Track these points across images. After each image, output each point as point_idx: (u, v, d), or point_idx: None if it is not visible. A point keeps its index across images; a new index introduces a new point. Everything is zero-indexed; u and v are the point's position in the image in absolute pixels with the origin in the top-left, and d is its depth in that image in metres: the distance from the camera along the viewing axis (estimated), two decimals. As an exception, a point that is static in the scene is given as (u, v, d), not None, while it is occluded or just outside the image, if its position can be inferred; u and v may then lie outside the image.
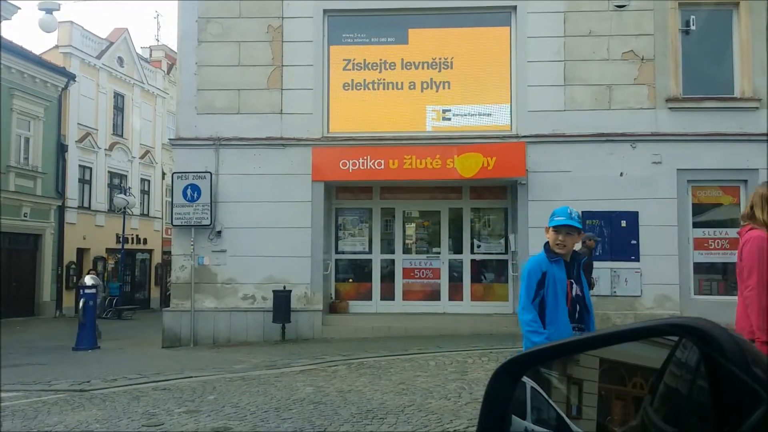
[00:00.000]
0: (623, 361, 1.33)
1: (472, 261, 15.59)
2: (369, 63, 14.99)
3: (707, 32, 14.60)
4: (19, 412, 7.62)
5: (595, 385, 1.39)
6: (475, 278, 15.60)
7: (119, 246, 29.94)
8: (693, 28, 14.35)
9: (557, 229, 4.45)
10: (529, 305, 4.37)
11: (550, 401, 1.43)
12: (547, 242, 4.52)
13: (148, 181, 35.95)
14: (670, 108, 14.39)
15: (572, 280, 4.44)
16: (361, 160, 14.33)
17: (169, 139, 17.78)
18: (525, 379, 1.39)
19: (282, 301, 13.96)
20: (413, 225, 16.27)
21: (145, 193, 35.56)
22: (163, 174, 35.42)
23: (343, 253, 15.87)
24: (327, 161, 14.50)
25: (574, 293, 4.42)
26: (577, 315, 4.42)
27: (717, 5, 14.79)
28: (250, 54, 14.91)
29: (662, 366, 1.24)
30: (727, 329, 1.06)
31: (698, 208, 14.37)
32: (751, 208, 4.17)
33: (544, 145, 14.42)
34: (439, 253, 15.61)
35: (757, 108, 14.13)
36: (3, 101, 24.47)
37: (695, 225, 14.22)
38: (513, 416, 1.39)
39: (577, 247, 5.61)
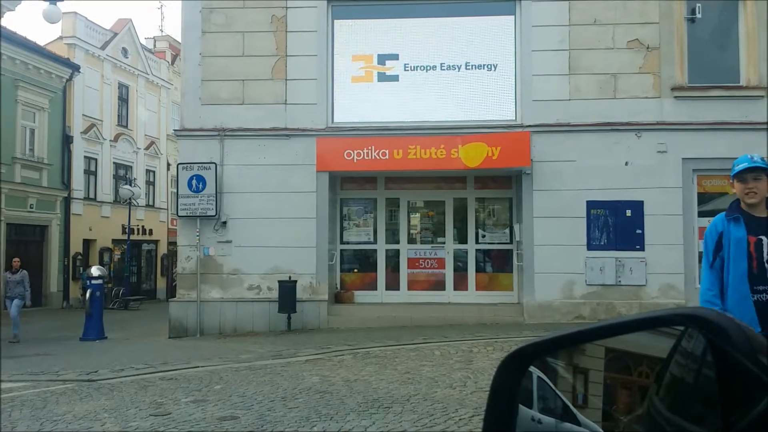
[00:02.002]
0: (629, 351, 1.34)
1: (477, 251, 15.59)
2: (373, 53, 14.96)
3: (713, 20, 14.52)
4: (27, 402, 7.67)
5: (601, 374, 1.40)
6: (480, 268, 15.61)
7: (125, 237, 30.00)
8: (699, 16, 14.25)
9: (740, 176, 4.05)
10: (706, 271, 4.09)
11: (556, 390, 1.44)
12: (735, 199, 4.16)
13: (153, 172, 36.00)
14: (675, 97, 14.33)
15: (763, 237, 3.98)
16: (365, 150, 14.33)
17: (174, 130, 17.80)
18: (532, 368, 1.40)
19: (287, 292, 13.99)
20: (418, 215, 16.28)
21: (150, 184, 35.61)
22: (168, 165, 35.44)
23: (348, 243, 15.89)
24: (331, 151, 14.50)
25: (766, 251, 3.97)
26: None
27: (723, -7, 14.72)
28: (254, 44, 14.89)
29: (668, 355, 1.25)
30: (733, 319, 1.07)
31: (703, 197, 14.34)
32: None
33: (549, 134, 14.39)
34: (444, 243, 15.62)
35: (762, 97, 14.05)
36: (8, 92, 24.49)
37: (700, 214, 14.18)
38: (520, 405, 1.40)
39: None
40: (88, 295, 15.13)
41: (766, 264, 3.98)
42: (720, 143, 13.73)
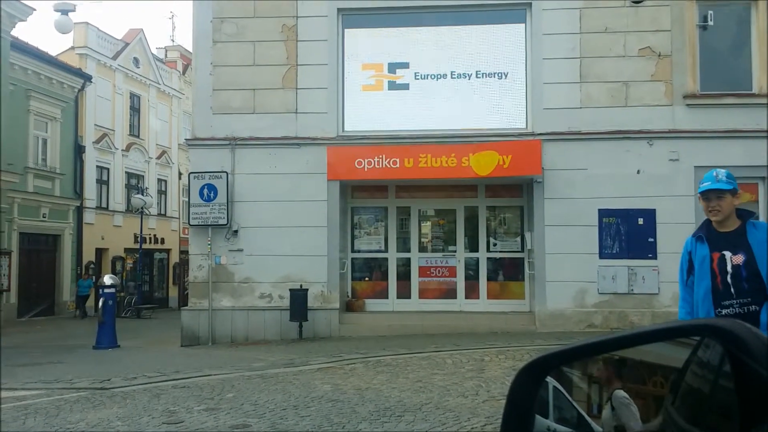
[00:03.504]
0: (644, 360, 1.34)
1: (488, 259, 15.56)
2: (384, 61, 14.99)
3: (725, 27, 14.47)
4: (41, 410, 7.70)
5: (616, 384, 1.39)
6: (492, 276, 15.58)
7: (137, 246, 30.13)
8: (711, 23, 14.20)
9: (704, 195, 4.17)
10: (681, 288, 4.29)
11: (572, 400, 1.44)
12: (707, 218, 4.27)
13: (165, 181, 36.14)
14: (687, 104, 14.28)
15: (726, 252, 4.09)
16: (376, 159, 14.34)
17: (185, 139, 17.88)
18: (548, 378, 1.40)
19: (299, 300, 14.00)
20: (429, 223, 16.27)
21: (162, 193, 35.75)
22: (180, 174, 35.57)
23: (359, 251, 15.89)
24: (342, 160, 14.52)
25: (730, 265, 4.06)
26: (744, 288, 4.03)
27: (735, 0, 14.66)
28: (264, 53, 14.95)
29: (683, 365, 1.25)
30: (752, 329, 1.06)
31: (716, 205, 14.23)
32: None
33: (560, 142, 14.37)
34: (455, 251, 15.59)
35: (775, 104, 13.98)
36: (20, 103, 24.66)
37: (713, 222, 14.07)
38: (536, 415, 1.40)
39: None
40: (100, 303, 15.17)
41: (729, 279, 4.05)
42: (733, 151, 13.64)
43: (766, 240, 4.02)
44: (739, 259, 4.05)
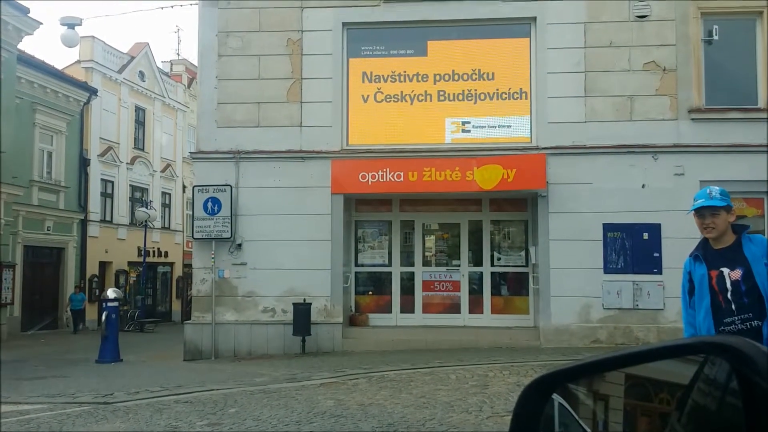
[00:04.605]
0: (649, 377, 1.32)
1: (493, 273, 15.52)
2: (388, 75, 15.03)
3: (730, 42, 14.47)
4: (44, 424, 7.68)
5: (621, 401, 1.38)
6: (496, 291, 15.53)
7: (141, 259, 30.15)
8: (716, 37, 14.19)
9: (699, 212, 4.17)
10: (684, 309, 4.27)
11: (577, 417, 1.42)
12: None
13: (169, 194, 36.23)
14: (692, 119, 14.27)
15: (724, 269, 4.06)
16: (380, 173, 14.34)
17: (190, 152, 17.92)
18: (554, 395, 1.38)
19: (302, 314, 13.97)
20: (433, 237, 16.25)
21: (166, 206, 35.82)
22: (184, 187, 35.66)
23: (362, 265, 15.87)
24: (346, 174, 14.53)
25: (729, 282, 4.02)
26: (744, 303, 3.98)
27: (740, 14, 14.66)
28: (269, 67, 15.00)
29: (690, 382, 1.23)
30: (759, 346, 1.05)
31: (721, 220, 14.18)
32: None
33: (565, 156, 14.35)
34: (459, 265, 15.55)
35: (780, 119, 13.95)
36: (25, 116, 24.77)
37: (719, 237, 14.02)
38: (541, 433, 1.38)
39: None
40: (103, 317, 15.16)
41: (729, 296, 4.01)
42: (738, 166, 13.61)
43: (765, 255, 3.98)
44: (737, 274, 4.01)
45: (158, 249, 33.97)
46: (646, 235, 14.03)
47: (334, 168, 14.55)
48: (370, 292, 15.96)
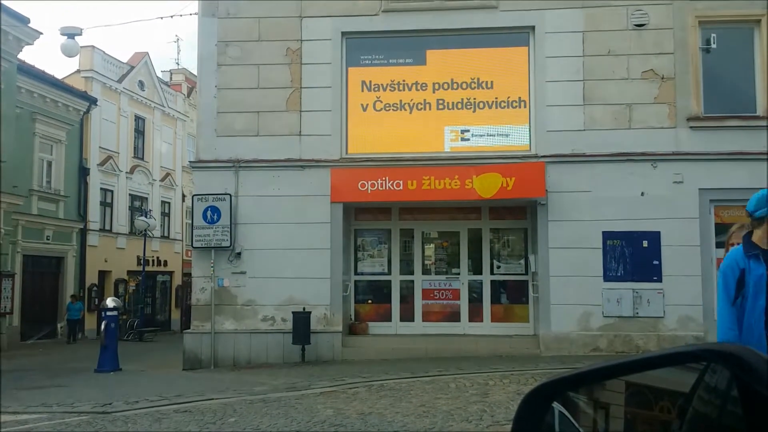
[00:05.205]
0: (650, 385, 1.32)
1: (492, 282, 15.51)
2: (387, 84, 15.05)
3: (728, 50, 14.50)
4: (41, 435, 7.65)
5: (622, 409, 1.37)
6: (495, 299, 15.51)
7: (140, 268, 30.11)
8: (714, 46, 14.23)
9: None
10: (726, 308, 3.90)
11: (578, 426, 1.41)
12: (747, 233, 4.03)
13: (169, 203, 36.24)
14: (691, 127, 14.29)
15: None
16: (379, 181, 14.35)
17: (189, 161, 17.92)
18: (554, 403, 1.38)
19: (302, 323, 13.95)
20: (432, 246, 16.24)
21: (165, 215, 35.83)
22: (183, 196, 35.68)
23: (362, 274, 15.86)
24: (346, 182, 14.53)
25: None
26: None
27: (738, 23, 14.70)
28: (269, 76, 15.02)
29: (690, 390, 1.23)
30: (759, 354, 1.04)
31: (721, 228, 14.15)
32: None
33: (564, 165, 14.36)
34: (459, 273, 15.54)
35: (779, 126, 13.97)
36: (25, 125, 24.78)
37: (718, 245, 14.00)
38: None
39: None
40: (102, 326, 15.13)
41: None
42: (737, 174, 13.60)
43: None
44: None
45: (158, 258, 33.95)
46: (645, 243, 14.03)
47: (334, 177, 14.55)
48: (370, 301, 15.94)
